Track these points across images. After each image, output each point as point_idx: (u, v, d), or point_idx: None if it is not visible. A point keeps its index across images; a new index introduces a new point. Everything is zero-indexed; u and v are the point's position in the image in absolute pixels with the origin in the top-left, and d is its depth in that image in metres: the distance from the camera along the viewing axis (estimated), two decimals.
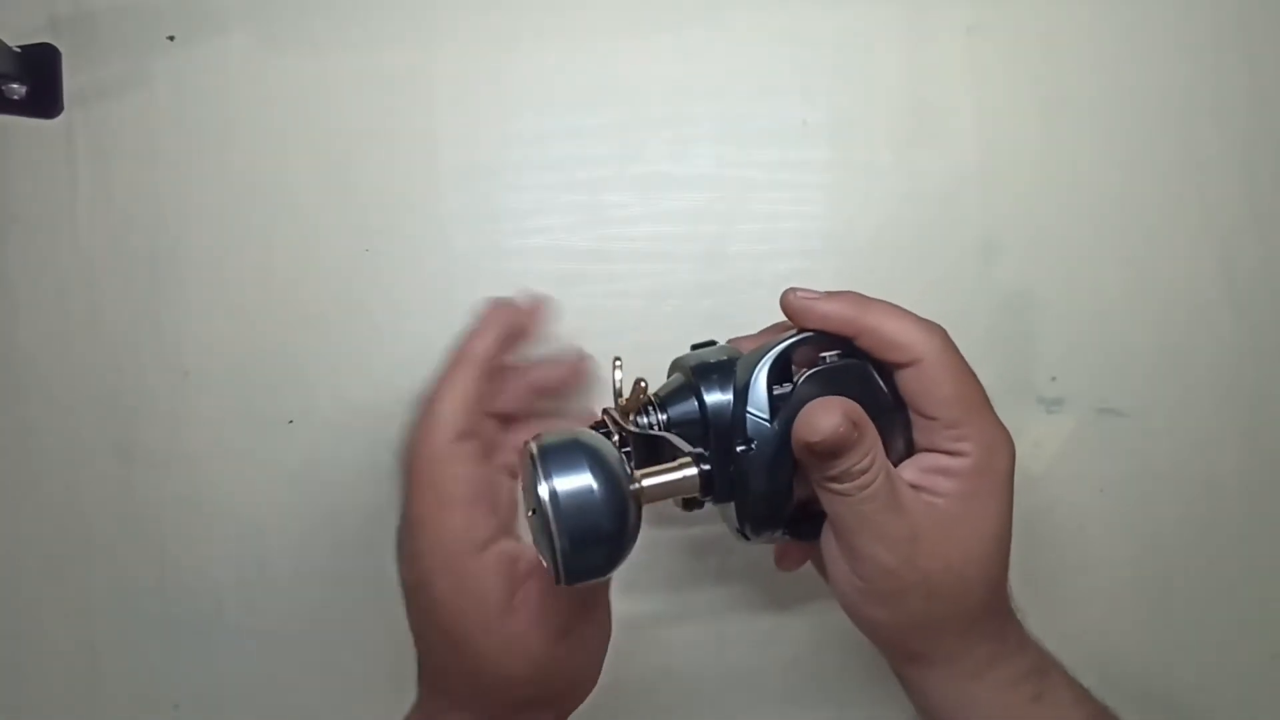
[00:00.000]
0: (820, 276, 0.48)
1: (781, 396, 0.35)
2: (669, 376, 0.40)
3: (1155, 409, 0.50)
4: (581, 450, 0.29)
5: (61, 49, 0.47)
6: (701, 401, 0.37)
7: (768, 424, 0.35)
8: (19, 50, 0.46)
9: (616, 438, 0.37)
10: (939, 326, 0.36)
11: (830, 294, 0.37)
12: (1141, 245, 0.50)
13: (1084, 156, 0.50)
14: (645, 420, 0.38)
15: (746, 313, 0.48)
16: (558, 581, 0.29)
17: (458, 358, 0.38)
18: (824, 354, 0.36)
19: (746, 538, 0.37)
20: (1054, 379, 0.49)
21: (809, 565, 0.42)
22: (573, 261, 0.48)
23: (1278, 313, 0.50)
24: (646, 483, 0.32)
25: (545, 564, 0.30)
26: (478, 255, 0.48)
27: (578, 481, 0.29)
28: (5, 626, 0.47)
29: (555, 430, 0.31)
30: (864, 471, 0.34)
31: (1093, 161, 0.50)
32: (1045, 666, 0.38)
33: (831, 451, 0.33)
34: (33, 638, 0.47)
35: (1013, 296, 0.49)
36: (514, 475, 0.40)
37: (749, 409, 0.35)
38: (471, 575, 0.35)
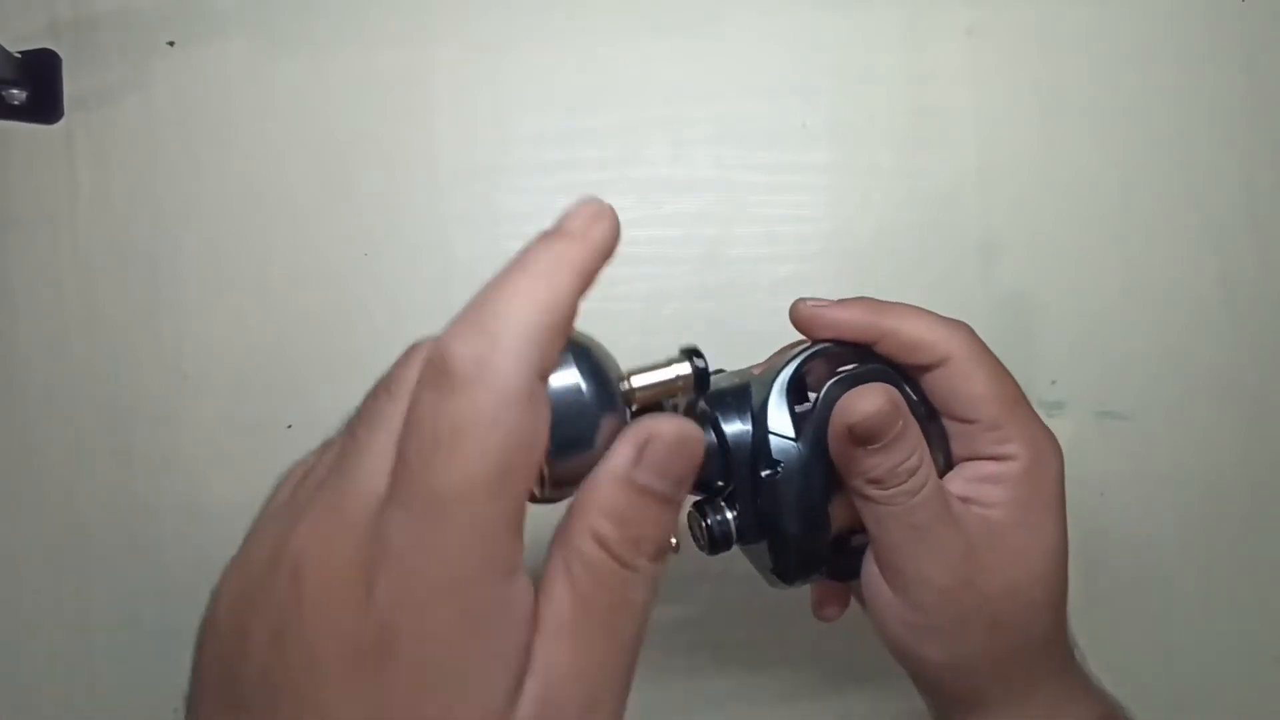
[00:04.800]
0: (820, 279, 0.49)
1: (804, 414, 0.33)
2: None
3: (1155, 412, 0.50)
4: (570, 348, 0.24)
5: (62, 54, 0.47)
6: (719, 431, 0.33)
7: (793, 443, 0.32)
8: (19, 55, 0.46)
9: None
10: (963, 323, 0.34)
11: (843, 301, 0.34)
12: (1141, 247, 0.50)
13: (1083, 159, 0.50)
14: None
15: (746, 315, 0.48)
16: (541, 488, 0.24)
17: (546, 252, 0.22)
18: (839, 368, 0.33)
19: (785, 580, 0.34)
20: (1054, 382, 0.49)
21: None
22: None
23: (1277, 315, 0.50)
24: (636, 383, 0.26)
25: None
26: (477, 258, 0.48)
27: (566, 379, 0.24)
28: (4, 629, 0.47)
29: None
30: (912, 472, 0.30)
31: (1092, 163, 0.50)
32: (1109, 710, 0.34)
33: (873, 435, 0.30)
34: (31, 641, 0.47)
35: (1012, 299, 0.49)
36: None
37: (770, 430, 0.32)
38: (490, 615, 0.20)
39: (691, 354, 0.27)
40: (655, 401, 0.26)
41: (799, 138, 0.49)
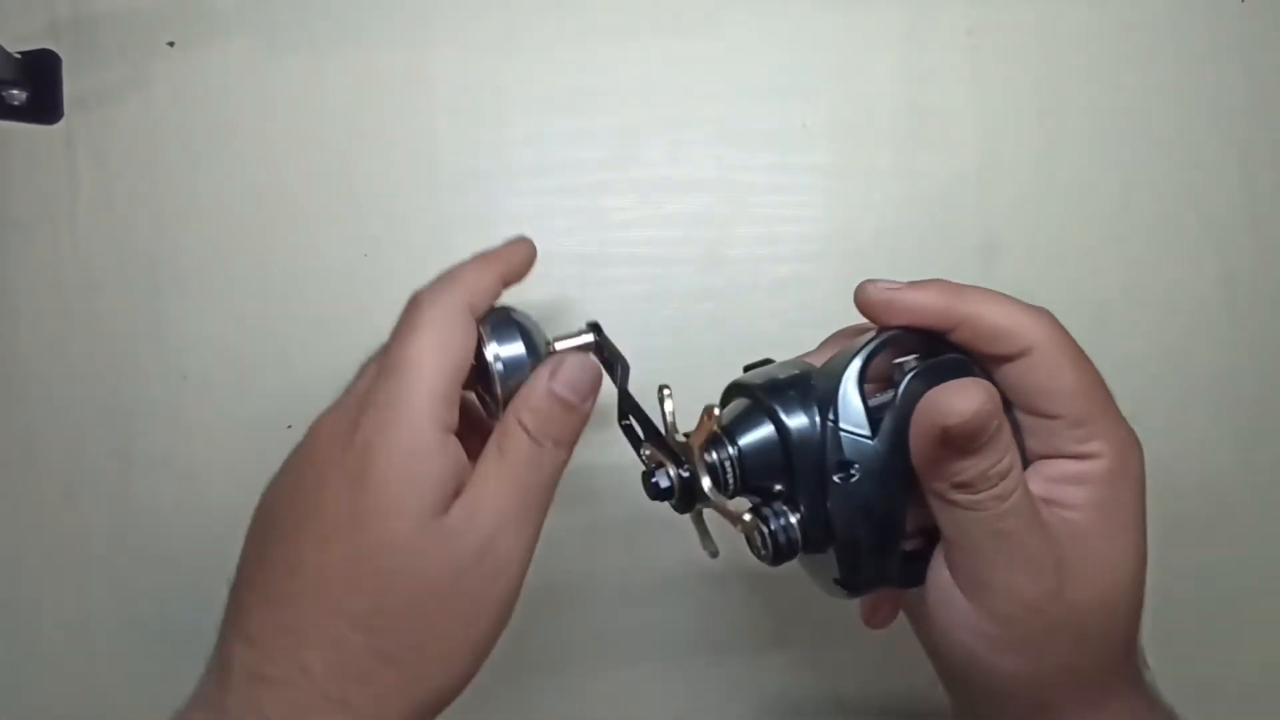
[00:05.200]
0: (820, 279, 0.49)
1: (880, 407, 0.30)
2: (724, 398, 0.34)
3: (1155, 412, 0.49)
4: (515, 325, 0.34)
5: (62, 54, 0.47)
6: (780, 425, 0.30)
7: (869, 442, 0.29)
8: (19, 56, 0.46)
9: (673, 473, 0.32)
10: (1045, 310, 0.31)
11: (917, 283, 0.31)
12: (1140, 248, 0.50)
13: (1083, 159, 0.50)
14: (713, 456, 0.31)
15: (746, 316, 0.48)
16: (498, 409, 0.33)
17: (477, 257, 0.35)
18: (899, 360, 0.31)
19: (852, 591, 0.31)
20: None
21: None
22: (572, 265, 0.48)
23: (1277, 315, 0.50)
24: (557, 345, 0.35)
25: (488, 405, 0.34)
26: None
27: (514, 349, 0.33)
28: (4, 630, 0.47)
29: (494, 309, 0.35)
30: (1004, 476, 0.28)
31: (1092, 164, 0.50)
32: None
33: (970, 438, 0.27)
34: (32, 641, 0.47)
35: None
36: None
37: (842, 427, 0.29)
38: (423, 453, 0.30)
39: (594, 327, 0.35)
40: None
41: (799, 138, 0.49)
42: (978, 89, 0.50)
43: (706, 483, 0.31)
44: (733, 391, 0.33)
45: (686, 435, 0.32)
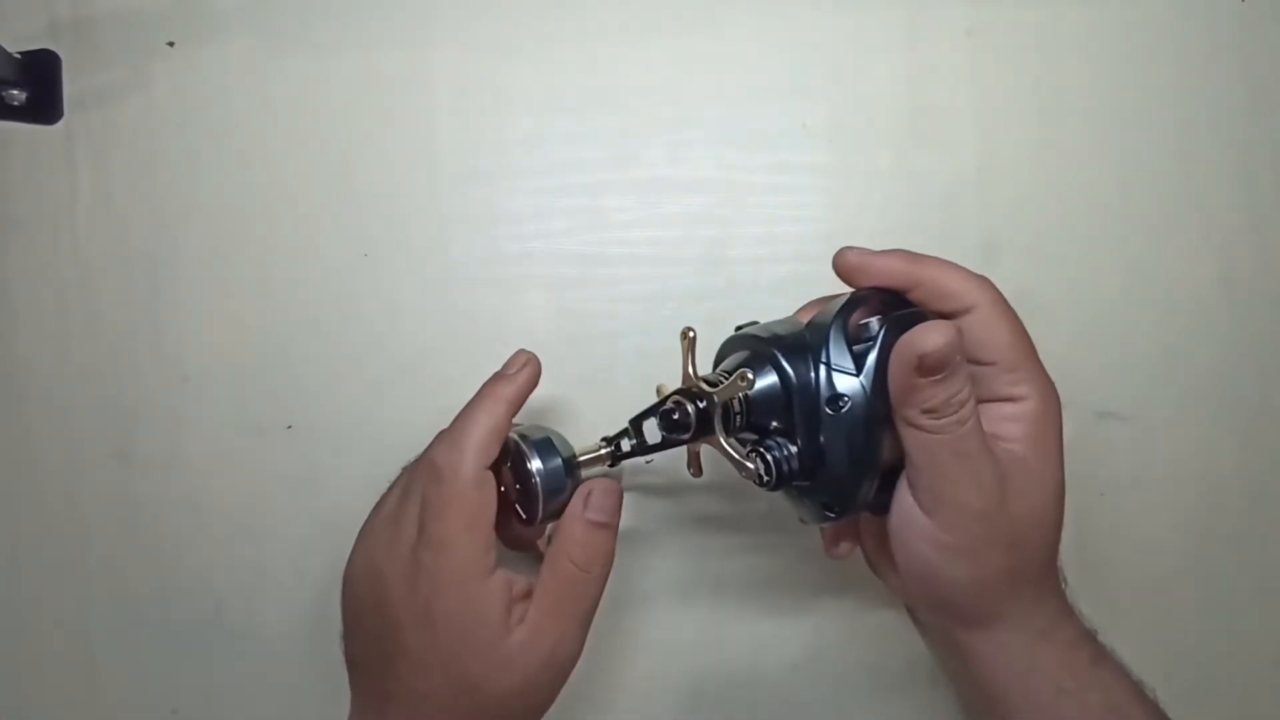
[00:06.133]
0: (820, 279, 0.48)
1: (862, 353, 0.36)
2: (723, 352, 0.41)
3: (1155, 412, 0.50)
4: (550, 443, 0.39)
5: (61, 54, 0.47)
6: (783, 373, 0.36)
7: (856, 378, 0.35)
8: (19, 56, 0.46)
9: (691, 410, 0.37)
10: (986, 278, 0.38)
11: (884, 251, 0.38)
12: (1140, 248, 0.50)
13: (1082, 159, 0.50)
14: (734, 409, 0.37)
15: (746, 316, 0.48)
16: (532, 522, 0.38)
17: (491, 392, 0.39)
18: (864, 320, 0.36)
19: (838, 514, 0.37)
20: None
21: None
22: (572, 265, 0.48)
23: (1276, 315, 0.50)
24: (582, 457, 0.39)
25: (522, 513, 0.39)
26: (476, 260, 0.48)
27: (552, 461, 0.38)
28: (4, 630, 0.47)
29: (528, 427, 0.40)
30: (964, 403, 0.34)
31: (1091, 164, 0.50)
32: (1092, 632, 0.39)
33: (939, 365, 0.33)
34: (31, 642, 0.47)
35: (1011, 299, 0.48)
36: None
37: (835, 365, 0.36)
38: (479, 598, 0.36)
39: (617, 439, 0.39)
40: (594, 469, 0.39)
41: (799, 138, 0.49)
42: (978, 89, 0.50)
43: (718, 423, 0.37)
44: (734, 344, 0.40)
45: (705, 379, 0.38)
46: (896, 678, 0.48)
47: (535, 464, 0.38)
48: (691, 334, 0.38)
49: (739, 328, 0.40)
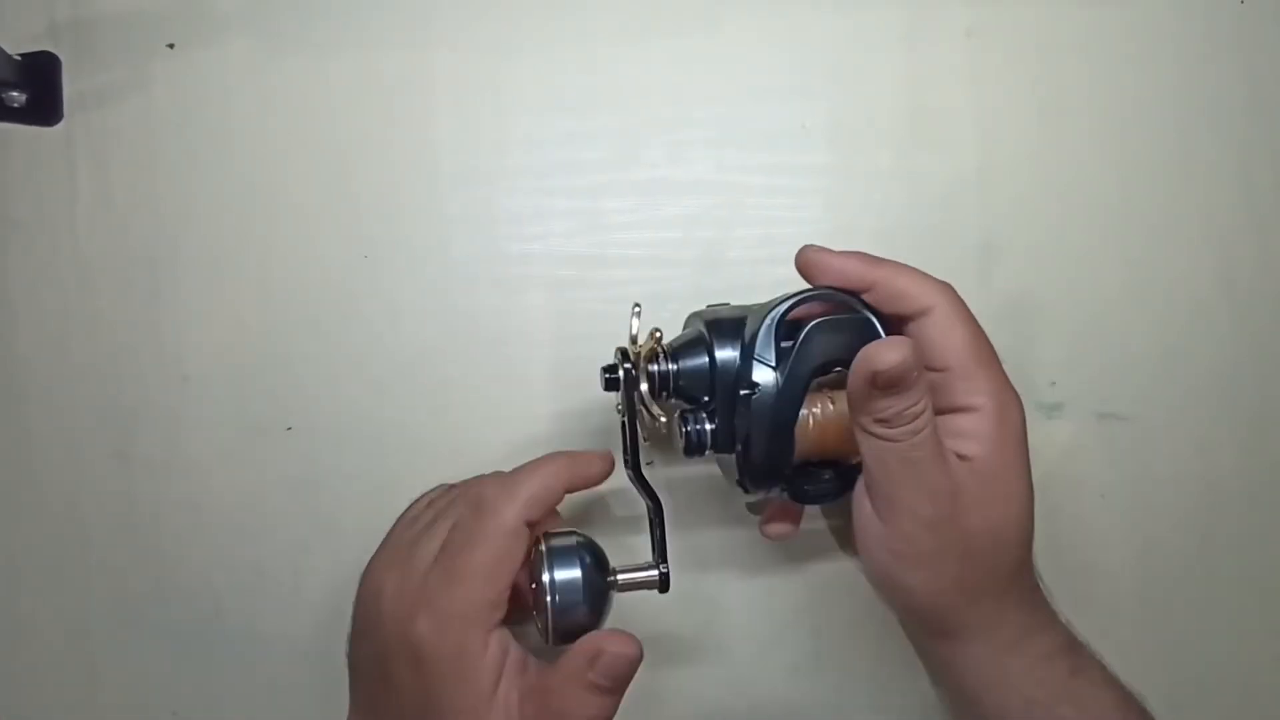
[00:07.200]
0: None
1: (788, 350, 0.37)
2: (685, 328, 0.42)
3: (1155, 413, 0.50)
4: (576, 551, 0.37)
5: (61, 56, 0.47)
6: (711, 354, 0.38)
7: (772, 370, 0.37)
8: (19, 58, 0.46)
9: (621, 372, 0.39)
10: (947, 283, 0.37)
11: (843, 251, 0.38)
12: (1140, 248, 0.50)
13: (1083, 159, 0.50)
14: (655, 367, 0.39)
15: None
16: (546, 641, 0.37)
17: (559, 457, 0.39)
18: (825, 314, 0.37)
19: (746, 489, 0.39)
20: (1053, 384, 0.49)
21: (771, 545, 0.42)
22: (571, 267, 0.48)
23: (1277, 315, 0.50)
24: (621, 578, 0.38)
25: (539, 627, 0.37)
26: (476, 261, 0.48)
27: (571, 574, 0.37)
28: (4, 630, 0.47)
29: (559, 531, 0.39)
30: (918, 415, 0.34)
31: (1091, 164, 0.50)
32: (1076, 643, 0.39)
33: (893, 382, 0.33)
34: (31, 642, 0.47)
35: (1012, 300, 0.49)
36: None
37: (755, 357, 0.37)
38: (472, 653, 0.35)
39: (659, 563, 0.39)
40: (633, 589, 0.39)
41: (798, 139, 0.49)
42: (977, 89, 0.50)
43: (644, 387, 0.39)
44: (690, 320, 0.42)
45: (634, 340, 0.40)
46: (897, 678, 0.48)
47: (554, 574, 0.36)
48: (637, 309, 0.40)
49: (710, 306, 0.42)
